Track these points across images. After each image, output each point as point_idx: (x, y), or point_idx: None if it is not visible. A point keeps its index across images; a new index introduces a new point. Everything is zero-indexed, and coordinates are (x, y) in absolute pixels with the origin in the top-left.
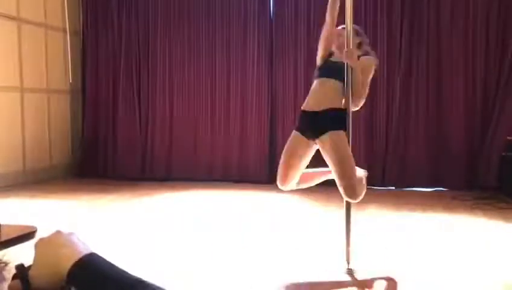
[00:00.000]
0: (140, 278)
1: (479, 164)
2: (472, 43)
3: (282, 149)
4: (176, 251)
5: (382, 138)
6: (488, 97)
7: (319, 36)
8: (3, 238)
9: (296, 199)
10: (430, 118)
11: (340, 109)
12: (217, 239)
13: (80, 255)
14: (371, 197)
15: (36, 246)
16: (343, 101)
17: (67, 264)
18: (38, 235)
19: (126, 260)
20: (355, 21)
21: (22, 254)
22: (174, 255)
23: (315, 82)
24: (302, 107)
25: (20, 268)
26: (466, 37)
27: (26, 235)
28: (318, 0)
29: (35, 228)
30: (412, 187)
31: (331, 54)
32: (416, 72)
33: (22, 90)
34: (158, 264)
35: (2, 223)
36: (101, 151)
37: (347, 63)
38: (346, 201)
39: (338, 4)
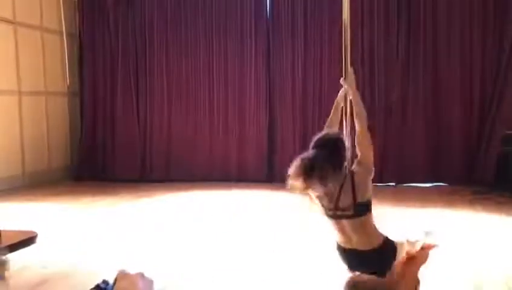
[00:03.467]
0: None
1: (477, 158)
2: (469, 39)
3: (281, 148)
4: (176, 251)
5: (381, 135)
6: (485, 93)
7: (316, 34)
8: (4, 244)
9: (296, 197)
10: (428, 114)
11: None
12: (216, 239)
13: None
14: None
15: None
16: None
17: None
18: (38, 240)
19: (128, 261)
20: (352, 18)
21: (22, 259)
22: (174, 256)
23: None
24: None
25: None
26: (463, 33)
27: (27, 240)
28: None
29: (36, 233)
30: (411, 183)
31: None
32: (413, 69)
33: (20, 93)
34: (158, 264)
35: (2, 229)
36: (100, 153)
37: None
38: None
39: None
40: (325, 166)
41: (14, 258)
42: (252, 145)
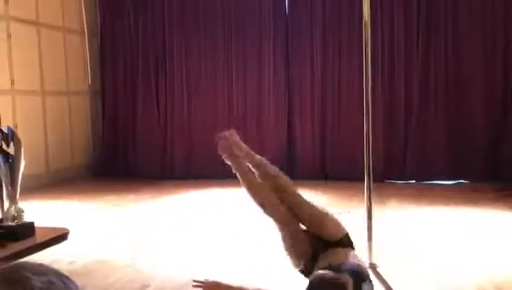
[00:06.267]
0: None
1: (500, 155)
2: (491, 31)
3: (301, 145)
4: (199, 247)
5: (401, 132)
6: (508, 87)
7: (335, 31)
8: (39, 241)
9: (318, 194)
10: (449, 110)
11: None
12: (239, 235)
13: None
14: (392, 191)
15: None
16: None
17: None
18: (70, 237)
19: (153, 257)
20: (372, 14)
21: (49, 254)
22: (198, 252)
23: None
24: None
25: None
26: (484, 21)
27: (59, 237)
28: None
29: (68, 230)
30: (433, 180)
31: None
32: (434, 63)
33: (43, 93)
34: (182, 259)
35: (36, 226)
36: (122, 151)
37: None
38: (368, 196)
39: None
40: None
41: (42, 254)
42: (271, 142)
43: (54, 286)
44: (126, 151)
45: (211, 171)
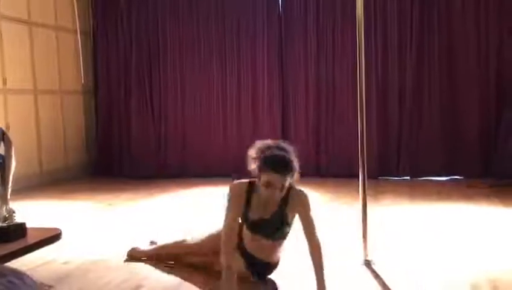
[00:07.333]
0: None
1: (495, 151)
2: (485, 23)
3: (295, 143)
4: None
5: (395, 128)
6: (502, 82)
7: (329, 29)
8: (30, 241)
9: (311, 191)
10: (443, 105)
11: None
12: None
13: None
14: (386, 188)
15: None
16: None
17: None
18: (62, 237)
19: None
20: (365, 8)
21: (43, 255)
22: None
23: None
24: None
25: None
26: (477, 18)
27: (52, 237)
28: None
29: (60, 230)
30: (427, 176)
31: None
32: (428, 60)
33: (36, 92)
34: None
35: (28, 227)
36: (116, 150)
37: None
38: (362, 193)
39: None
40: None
41: (36, 255)
42: (266, 139)
43: (14, 285)
44: (120, 151)
45: (206, 170)
